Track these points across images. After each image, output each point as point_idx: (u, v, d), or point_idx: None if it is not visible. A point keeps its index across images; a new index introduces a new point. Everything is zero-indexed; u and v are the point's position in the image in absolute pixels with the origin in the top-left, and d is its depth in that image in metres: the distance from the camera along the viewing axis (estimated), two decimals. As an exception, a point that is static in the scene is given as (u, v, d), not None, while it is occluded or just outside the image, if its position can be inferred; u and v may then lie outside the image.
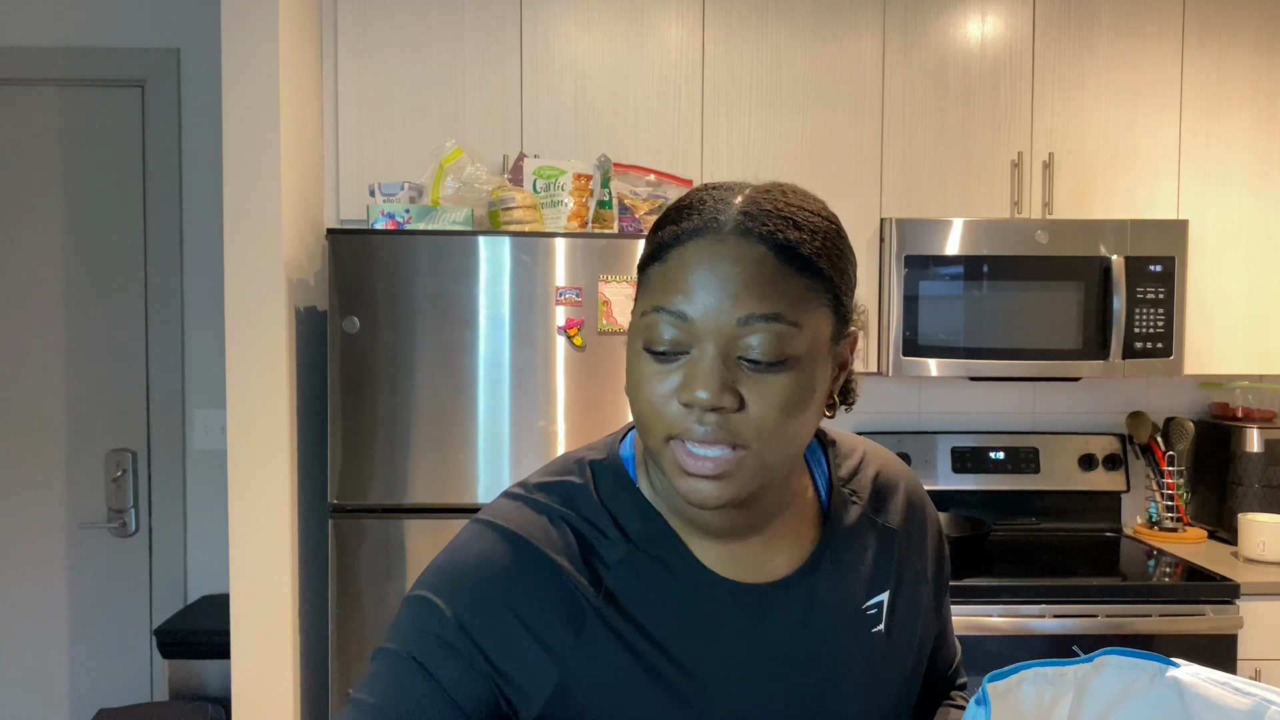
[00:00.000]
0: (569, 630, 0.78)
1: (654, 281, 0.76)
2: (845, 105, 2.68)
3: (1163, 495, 2.85)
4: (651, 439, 0.76)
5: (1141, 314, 2.59)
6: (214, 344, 2.87)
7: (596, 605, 0.79)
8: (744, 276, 0.73)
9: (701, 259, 0.73)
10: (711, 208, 0.76)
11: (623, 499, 0.83)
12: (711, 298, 0.73)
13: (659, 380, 0.75)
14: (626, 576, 0.80)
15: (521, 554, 0.79)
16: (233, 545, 2.28)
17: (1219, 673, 0.88)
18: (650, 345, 0.75)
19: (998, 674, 0.85)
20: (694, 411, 0.73)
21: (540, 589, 0.78)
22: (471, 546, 0.81)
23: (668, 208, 0.80)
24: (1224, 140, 2.71)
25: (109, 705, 2.86)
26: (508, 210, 2.36)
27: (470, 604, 0.78)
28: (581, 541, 0.80)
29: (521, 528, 0.80)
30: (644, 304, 0.76)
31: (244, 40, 2.26)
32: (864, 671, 0.86)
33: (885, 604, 0.88)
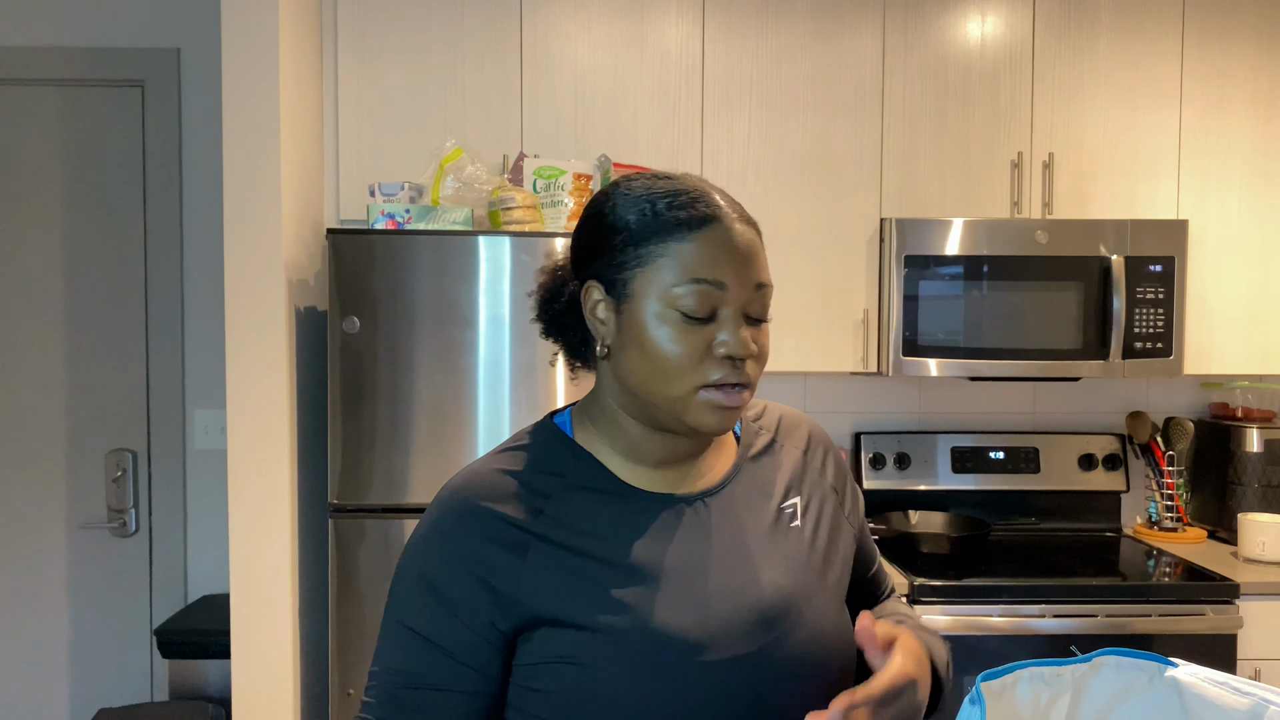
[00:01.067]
0: (514, 557, 0.92)
1: (684, 256, 0.91)
2: (845, 105, 2.68)
3: (1162, 495, 2.85)
4: (678, 389, 0.92)
5: (1141, 314, 2.59)
6: (214, 344, 2.87)
7: (537, 531, 0.93)
8: (752, 252, 0.93)
9: (726, 239, 0.92)
10: (705, 199, 0.94)
11: (559, 449, 1.00)
12: (740, 272, 0.92)
13: (693, 337, 0.91)
14: (564, 504, 0.95)
15: (463, 508, 0.94)
16: (233, 545, 2.28)
17: (1218, 673, 0.88)
18: (692, 312, 0.90)
19: (992, 673, 0.85)
20: (729, 361, 0.91)
21: (480, 532, 0.93)
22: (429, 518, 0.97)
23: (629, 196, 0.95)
24: (1224, 140, 2.71)
25: (109, 705, 2.86)
26: (508, 210, 2.36)
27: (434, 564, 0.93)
28: (523, 485, 0.96)
29: (464, 487, 0.96)
30: (677, 276, 0.91)
31: (244, 40, 2.26)
32: (785, 557, 1.00)
33: (799, 506, 1.04)
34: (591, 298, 0.96)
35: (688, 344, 0.91)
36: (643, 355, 0.92)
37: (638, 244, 0.93)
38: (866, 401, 2.99)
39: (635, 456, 1.00)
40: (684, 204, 0.93)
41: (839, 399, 2.98)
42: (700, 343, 0.91)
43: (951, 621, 2.32)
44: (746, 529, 1.00)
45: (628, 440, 0.99)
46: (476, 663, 0.92)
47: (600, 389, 1.01)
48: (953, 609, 2.33)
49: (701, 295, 0.90)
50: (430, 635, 0.93)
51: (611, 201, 0.96)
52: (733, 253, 0.92)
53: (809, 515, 1.05)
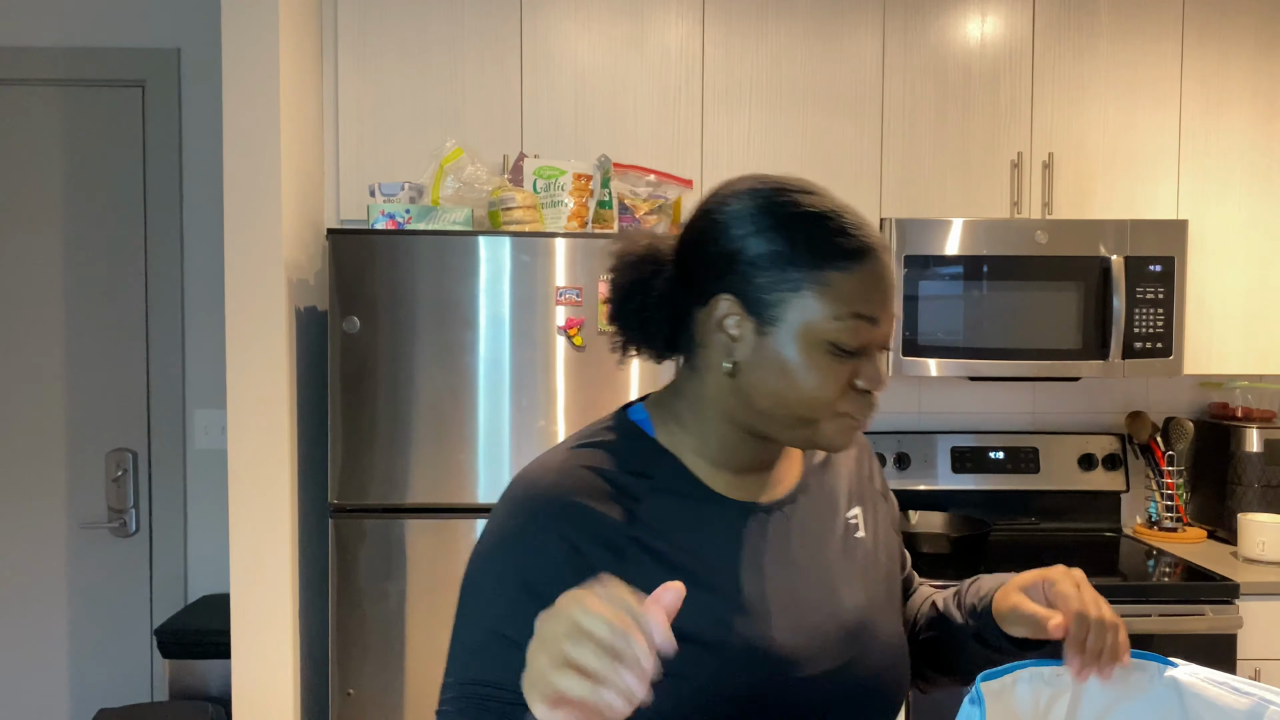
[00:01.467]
0: (614, 560, 0.88)
1: (843, 289, 0.88)
2: (845, 105, 2.68)
3: (1162, 495, 2.85)
4: (813, 414, 0.90)
5: (1141, 314, 2.59)
6: (214, 344, 2.87)
7: (632, 535, 0.90)
8: (896, 286, 0.94)
9: (883, 275, 0.90)
10: (864, 227, 0.90)
11: (642, 449, 0.96)
12: (888, 306, 0.90)
13: (839, 371, 0.89)
14: (654, 508, 0.92)
15: (559, 504, 0.90)
16: (233, 545, 2.28)
17: (1217, 673, 0.88)
18: (844, 345, 0.88)
19: (991, 673, 0.86)
20: (866, 395, 0.91)
21: (580, 530, 0.89)
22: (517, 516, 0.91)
23: (823, 211, 0.90)
24: (1224, 140, 2.71)
25: (109, 705, 2.86)
26: (508, 210, 2.36)
27: (533, 565, 0.87)
28: (612, 485, 0.92)
29: (555, 484, 0.91)
30: (835, 308, 0.87)
31: (244, 40, 2.26)
32: (858, 571, 1.00)
33: (860, 517, 1.04)
34: (721, 310, 0.91)
35: (834, 377, 0.89)
36: (783, 381, 0.89)
37: (789, 267, 0.88)
38: (866, 401, 2.99)
39: (721, 462, 0.97)
40: (843, 230, 0.89)
41: (839, 399, 2.98)
42: (846, 375, 0.89)
43: (951, 621, 2.32)
44: (822, 542, 0.99)
45: (719, 445, 0.96)
46: None
47: (698, 390, 0.96)
48: (953, 609, 2.33)
49: (858, 331, 0.88)
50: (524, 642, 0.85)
51: (752, 216, 0.90)
52: (888, 288, 0.90)
53: (869, 526, 1.05)
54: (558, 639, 0.65)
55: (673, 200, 2.59)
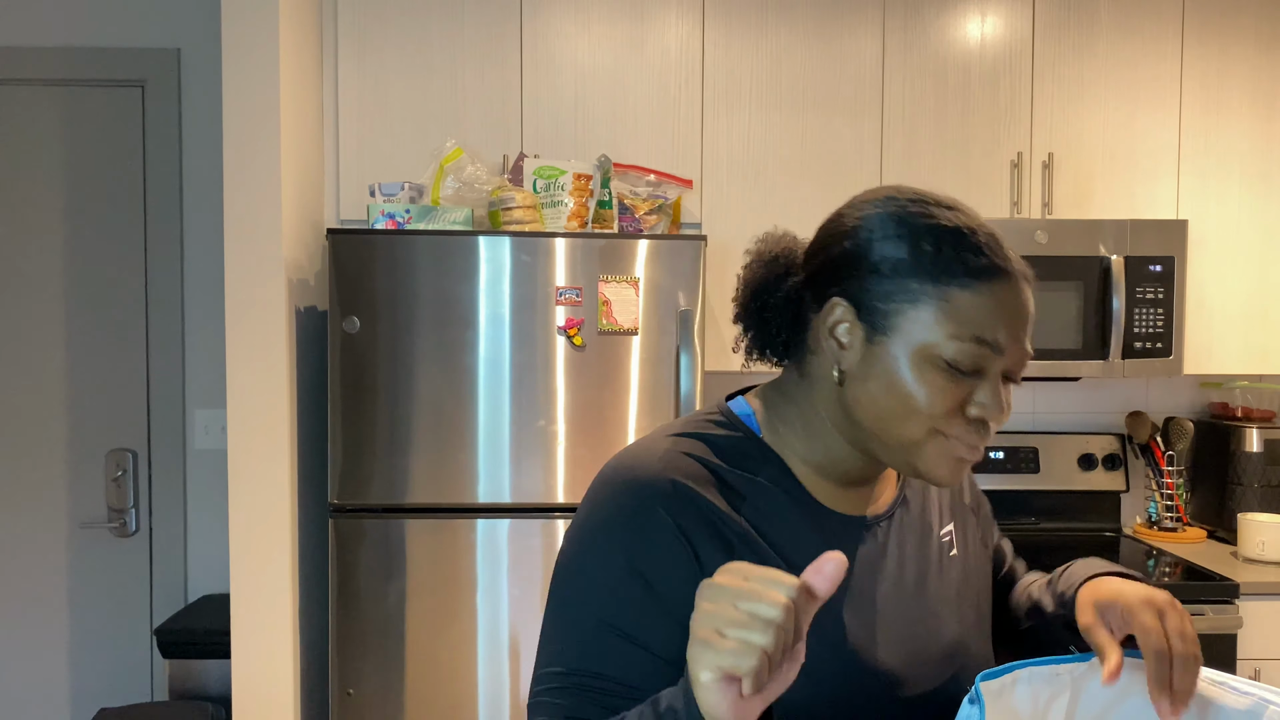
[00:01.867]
0: (723, 553, 0.86)
1: (966, 309, 0.83)
2: (845, 105, 2.68)
3: (1162, 495, 2.85)
4: (916, 434, 0.85)
5: (1141, 314, 2.59)
6: (214, 344, 2.88)
7: (739, 531, 0.87)
8: (1032, 318, 0.86)
9: (1014, 302, 0.84)
10: (999, 247, 0.85)
11: (747, 447, 0.92)
12: (1016, 337, 0.84)
13: (951, 391, 0.84)
14: (759, 506, 0.90)
15: (668, 489, 0.86)
16: (233, 545, 2.28)
17: (1216, 672, 0.89)
18: (959, 366, 0.83)
19: (991, 673, 0.85)
20: (979, 424, 0.85)
21: (692, 516, 0.86)
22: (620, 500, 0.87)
23: (956, 226, 0.85)
24: (1223, 140, 2.71)
25: (109, 705, 2.86)
26: (508, 210, 2.36)
27: (643, 551, 0.85)
28: (717, 476, 0.89)
29: (662, 471, 0.87)
30: (952, 327, 0.83)
31: (244, 40, 2.26)
32: (953, 592, 0.97)
33: (954, 534, 1.01)
34: (834, 314, 0.87)
35: (945, 398, 0.84)
36: (888, 394, 0.85)
37: (910, 277, 0.84)
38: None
39: (827, 471, 0.94)
40: (975, 247, 0.84)
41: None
42: (957, 398, 0.84)
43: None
44: (920, 560, 0.97)
45: (826, 454, 0.93)
46: (683, 659, 0.83)
47: (808, 398, 0.93)
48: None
49: (975, 354, 0.83)
50: (638, 635, 0.83)
51: (881, 222, 0.87)
52: (1017, 316, 0.84)
53: (960, 544, 1.02)
54: (721, 613, 0.65)
55: (673, 200, 2.59)
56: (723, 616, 0.65)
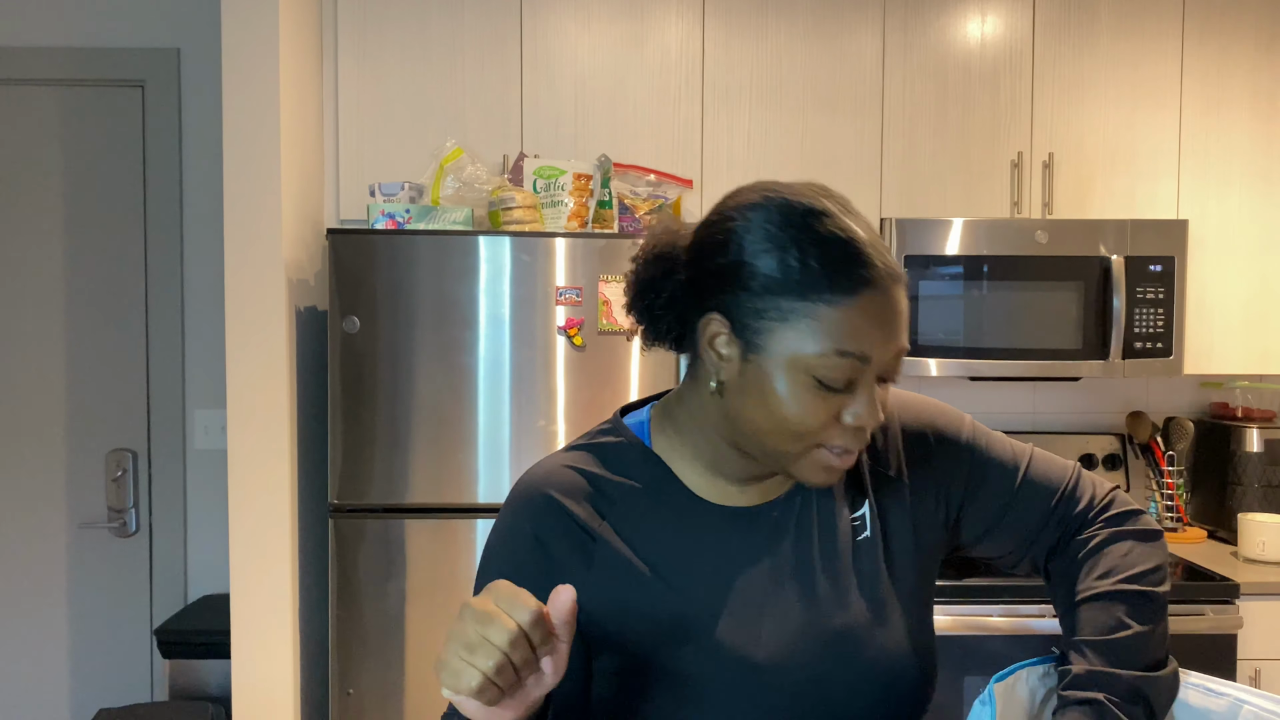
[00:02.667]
0: (582, 563, 0.92)
1: (833, 324, 0.82)
2: (845, 105, 2.68)
3: (1162, 495, 2.85)
4: (795, 448, 0.86)
5: (1141, 314, 2.59)
6: (214, 344, 2.88)
7: (601, 537, 0.92)
8: (902, 319, 0.86)
9: (882, 309, 0.84)
10: (861, 256, 0.83)
11: (630, 454, 0.97)
12: (886, 343, 0.84)
13: (824, 405, 0.85)
14: (627, 510, 0.94)
15: (535, 499, 0.94)
16: (233, 545, 2.28)
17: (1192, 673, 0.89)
18: (830, 383, 0.83)
19: (1002, 674, 0.87)
20: (855, 430, 0.86)
21: (553, 523, 0.93)
22: (503, 512, 0.97)
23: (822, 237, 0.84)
24: (1224, 140, 2.71)
25: (109, 705, 2.86)
26: (508, 210, 2.36)
27: (506, 559, 0.94)
28: (594, 484, 0.95)
29: (537, 482, 0.96)
30: (819, 344, 0.83)
31: (244, 40, 2.26)
32: (861, 575, 0.95)
33: (867, 515, 0.98)
34: (711, 329, 0.88)
35: (817, 412, 0.84)
36: (764, 409, 0.86)
37: (779, 295, 0.83)
38: (866, 401, 2.99)
39: (718, 469, 0.95)
40: (838, 261, 0.83)
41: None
42: (831, 410, 0.85)
43: (952, 621, 2.32)
44: (816, 544, 0.96)
45: (714, 455, 0.94)
46: None
47: (698, 399, 0.94)
48: (953, 609, 2.33)
49: (844, 368, 0.83)
50: None
51: (752, 234, 0.85)
52: (884, 323, 0.84)
53: (879, 521, 0.98)
54: (459, 634, 0.73)
55: (673, 200, 2.59)
56: (459, 637, 0.73)
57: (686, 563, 0.92)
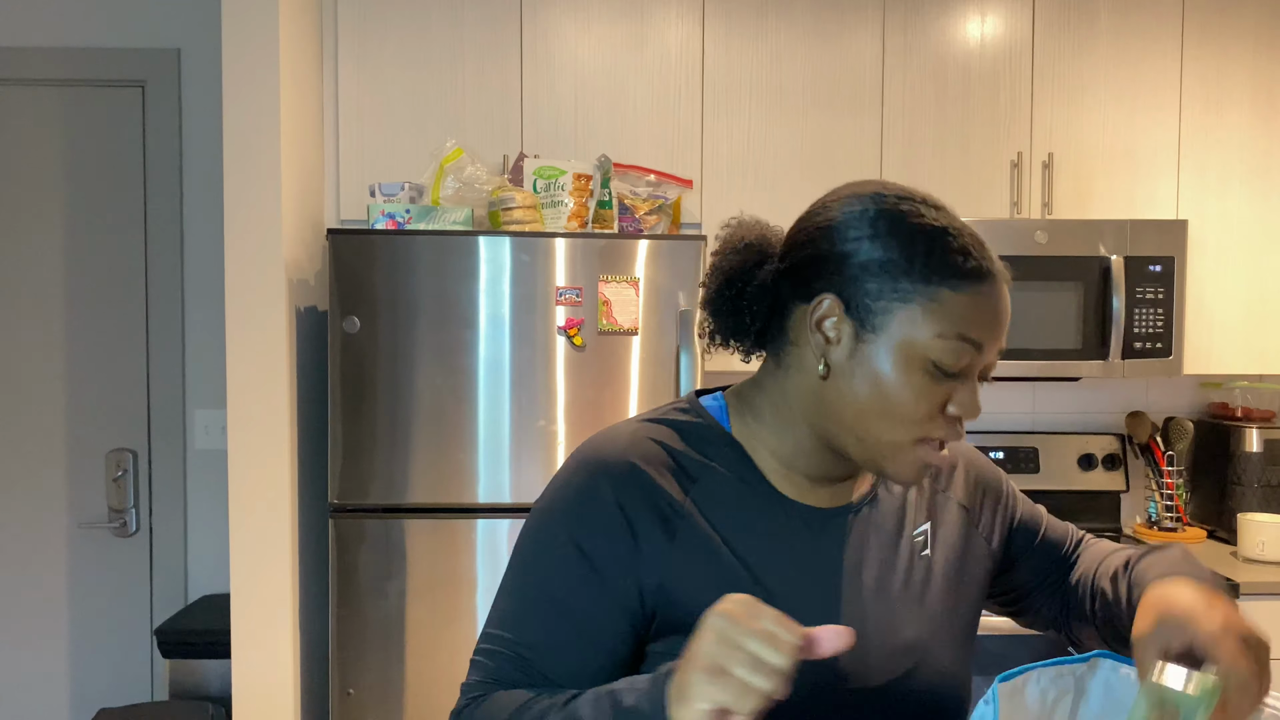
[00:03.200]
0: (665, 535, 0.89)
1: (954, 309, 0.85)
2: (845, 105, 2.68)
3: (1162, 495, 2.85)
4: (897, 436, 0.87)
5: (1141, 314, 2.59)
6: (214, 344, 2.88)
7: (684, 512, 0.90)
8: (1009, 319, 0.89)
9: (998, 303, 0.87)
10: (985, 251, 0.88)
11: (712, 436, 0.95)
12: (997, 338, 0.87)
13: (934, 391, 0.86)
14: (710, 489, 0.92)
15: (619, 469, 0.91)
16: (233, 545, 2.28)
17: None
18: (946, 367, 0.85)
19: (1008, 674, 0.87)
20: (956, 422, 0.88)
21: (637, 496, 0.90)
22: (576, 477, 0.93)
23: (945, 227, 0.87)
24: (1223, 140, 2.71)
25: (109, 705, 2.86)
26: (508, 210, 2.37)
27: (586, 527, 0.89)
28: (675, 461, 0.92)
29: (622, 451, 0.92)
30: (942, 326, 0.85)
31: (244, 40, 2.26)
32: (917, 593, 0.96)
33: (928, 533, 1.00)
34: (823, 308, 0.88)
35: (929, 397, 0.86)
36: (874, 392, 0.86)
37: (901, 277, 0.85)
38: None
39: (794, 465, 0.95)
40: (964, 249, 0.86)
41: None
42: (940, 398, 0.86)
43: (951, 621, 2.32)
44: (885, 556, 0.96)
45: (794, 448, 0.94)
46: (613, 637, 0.89)
47: (782, 389, 0.94)
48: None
49: (961, 353, 0.85)
50: (575, 608, 0.88)
51: (875, 219, 0.88)
52: (1000, 316, 0.87)
53: (938, 543, 1.00)
54: (729, 650, 0.69)
55: (673, 200, 2.59)
56: (731, 653, 0.69)
57: (768, 555, 0.91)
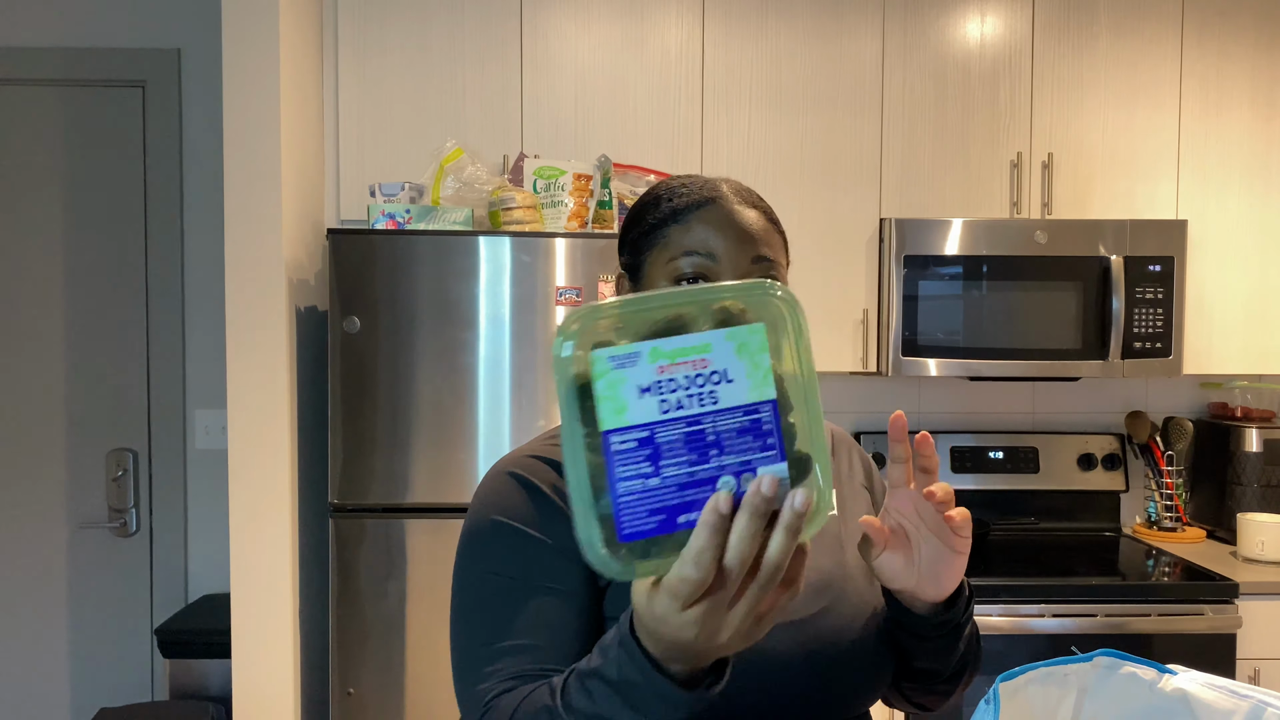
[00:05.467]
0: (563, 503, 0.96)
1: (678, 236, 1.00)
2: (845, 105, 2.68)
3: (1162, 495, 2.85)
4: None
5: (1140, 314, 2.59)
6: (214, 344, 2.88)
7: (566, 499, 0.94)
8: (752, 228, 1.00)
9: (719, 217, 1.00)
10: (706, 186, 1.03)
11: None
12: (732, 244, 0.98)
13: None
14: None
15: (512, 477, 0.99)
16: (233, 545, 2.28)
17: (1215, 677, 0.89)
18: (683, 274, 0.98)
19: (1009, 674, 0.87)
20: None
21: (538, 475, 0.99)
22: (481, 490, 1.01)
23: (653, 194, 1.06)
24: (1223, 140, 2.71)
25: (109, 705, 2.86)
26: (508, 210, 2.37)
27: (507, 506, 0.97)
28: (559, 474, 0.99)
29: (519, 453, 1.03)
30: (673, 251, 1.00)
31: (244, 40, 2.26)
32: (827, 541, 1.05)
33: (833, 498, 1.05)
34: (623, 287, 1.07)
35: None
36: None
37: (649, 231, 1.03)
38: (866, 401, 2.99)
39: None
40: (688, 192, 1.02)
41: (839, 399, 2.98)
42: None
43: (951, 621, 2.32)
44: None
45: None
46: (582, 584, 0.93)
47: None
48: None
49: (692, 264, 0.98)
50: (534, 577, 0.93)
51: (639, 201, 1.08)
52: (727, 227, 0.99)
53: (845, 502, 1.10)
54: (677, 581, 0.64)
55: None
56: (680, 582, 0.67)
57: None
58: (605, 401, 0.63)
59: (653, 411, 0.63)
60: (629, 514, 0.63)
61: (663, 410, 0.63)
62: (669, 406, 0.63)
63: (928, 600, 0.94)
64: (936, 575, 0.92)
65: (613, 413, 0.63)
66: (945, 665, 1.02)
